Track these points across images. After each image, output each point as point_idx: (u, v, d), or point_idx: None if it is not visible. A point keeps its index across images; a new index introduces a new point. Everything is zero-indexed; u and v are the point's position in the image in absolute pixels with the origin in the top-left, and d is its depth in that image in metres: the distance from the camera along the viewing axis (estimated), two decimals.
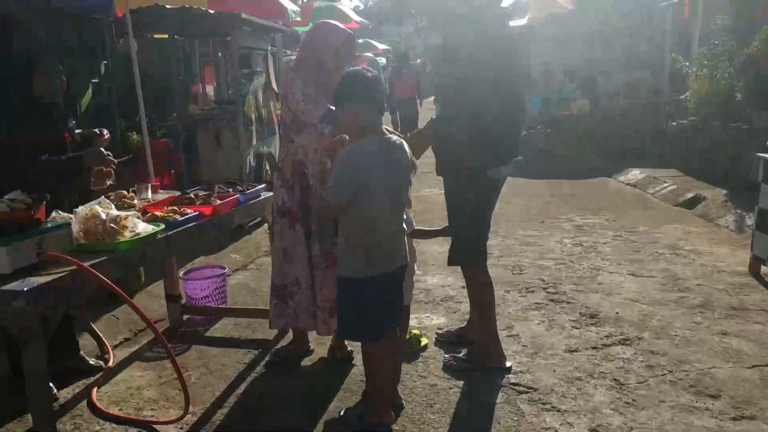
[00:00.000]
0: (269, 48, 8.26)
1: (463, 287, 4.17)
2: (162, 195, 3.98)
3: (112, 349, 3.92)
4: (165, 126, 7.79)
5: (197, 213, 3.25)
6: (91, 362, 3.72)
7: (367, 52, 23.04)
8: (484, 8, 3.23)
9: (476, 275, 3.48)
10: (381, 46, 25.39)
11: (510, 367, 3.51)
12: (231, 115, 6.62)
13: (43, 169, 3.17)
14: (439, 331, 3.97)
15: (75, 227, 2.75)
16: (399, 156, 2.74)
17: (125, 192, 3.54)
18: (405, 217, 2.94)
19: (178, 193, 3.78)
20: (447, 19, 3.31)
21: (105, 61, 7.02)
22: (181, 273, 4.52)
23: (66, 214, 2.90)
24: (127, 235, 2.79)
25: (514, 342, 3.86)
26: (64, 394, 3.42)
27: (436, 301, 4.62)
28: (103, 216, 2.78)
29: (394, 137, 2.77)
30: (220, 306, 4.44)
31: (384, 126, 2.79)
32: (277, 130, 7.69)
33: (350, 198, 2.60)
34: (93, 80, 8.31)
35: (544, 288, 4.79)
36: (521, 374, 3.46)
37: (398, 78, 13.50)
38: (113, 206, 2.96)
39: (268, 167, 7.12)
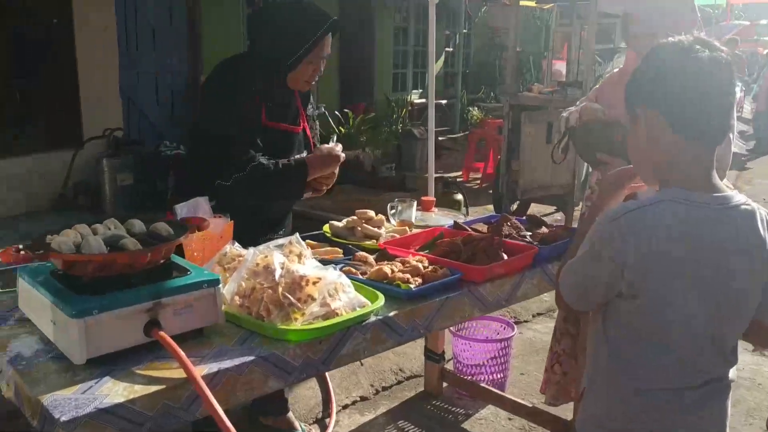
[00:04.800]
0: None
1: None
2: (435, 216, 2.73)
3: (337, 412, 2.89)
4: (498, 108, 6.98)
5: (455, 276, 1.88)
6: (299, 429, 2.71)
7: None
8: None
9: None
10: None
11: None
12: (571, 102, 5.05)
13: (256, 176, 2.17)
14: None
15: (232, 285, 1.63)
16: (728, 242, 1.26)
17: (373, 214, 2.35)
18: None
19: (451, 222, 2.46)
20: None
21: (464, 30, 6.45)
22: None
23: (243, 251, 1.80)
24: (311, 311, 1.56)
25: None
26: None
27: None
28: (278, 273, 1.59)
29: (738, 198, 1.30)
30: (492, 388, 3.04)
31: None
32: None
33: (601, 301, 1.35)
34: (447, 48, 8.03)
35: None
36: None
37: None
38: (309, 252, 1.75)
39: None
